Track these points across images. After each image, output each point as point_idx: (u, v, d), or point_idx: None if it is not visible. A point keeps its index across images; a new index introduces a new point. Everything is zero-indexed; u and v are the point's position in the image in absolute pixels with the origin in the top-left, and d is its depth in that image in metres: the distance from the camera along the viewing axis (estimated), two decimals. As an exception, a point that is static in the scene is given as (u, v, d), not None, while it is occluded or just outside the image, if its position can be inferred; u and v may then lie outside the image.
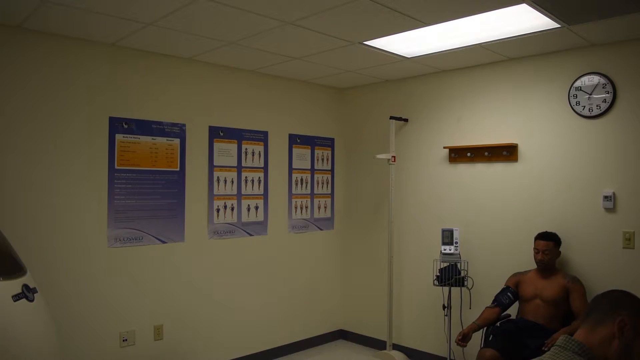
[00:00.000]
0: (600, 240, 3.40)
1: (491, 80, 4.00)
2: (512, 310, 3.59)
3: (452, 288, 3.88)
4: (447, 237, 3.89)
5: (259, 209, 4.41)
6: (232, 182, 4.23)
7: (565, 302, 3.29)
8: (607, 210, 3.38)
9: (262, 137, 4.46)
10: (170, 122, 3.85)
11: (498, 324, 3.48)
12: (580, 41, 3.36)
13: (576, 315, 3.23)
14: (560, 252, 3.44)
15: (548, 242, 3.39)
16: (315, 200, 4.90)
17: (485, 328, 3.51)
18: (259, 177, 4.43)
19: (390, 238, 4.39)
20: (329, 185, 5.04)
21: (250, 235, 4.34)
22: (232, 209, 4.22)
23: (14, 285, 2.28)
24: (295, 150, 4.73)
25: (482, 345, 3.45)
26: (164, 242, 3.80)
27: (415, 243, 4.49)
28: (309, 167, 4.86)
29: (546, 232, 3.46)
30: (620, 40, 3.32)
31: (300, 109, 4.80)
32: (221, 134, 4.17)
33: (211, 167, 4.10)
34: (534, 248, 3.44)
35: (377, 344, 4.70)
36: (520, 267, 3.80)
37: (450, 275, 3.77)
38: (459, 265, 3.79)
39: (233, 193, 4.23)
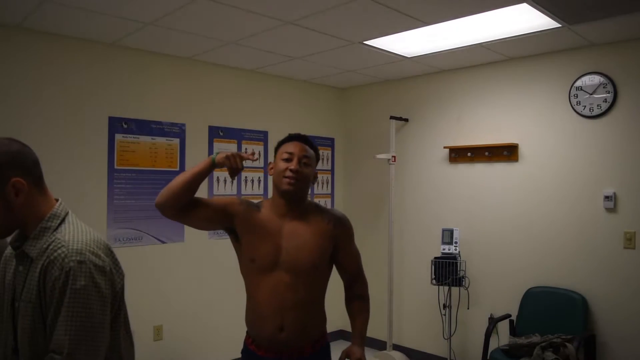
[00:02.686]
0: (601, 240, 3.39)
1: (491, 80, 3.99)
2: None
3: (452, 287, 3.88)
4: (447, 236, 3.90)
5: (258, 209, 4.39)
6: (232, 182, 4.22)
7: (330, 265, 1.97)
8: (608, 210, 3.37)
9: (262, 136, 4.45)
10: (169, 122, 3.84)
11: None
12: (580, 41, 3.36)
13: (347, 277, 2.05)
14: (316, 176, 1.98)
15: (309, 148, 1.92)
16: (315, 200, 4.89)
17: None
18: (259, 177, 4.42)
19: (390, 238, 4.38)
20: (329, 185, 5.03)
21: (250, 235, 4.33)
22: (232, 209, 4.20)
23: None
24: (295, 150, 4.72)
25: (482, 356, 3.43)
26: (163, 242, 3.79)
27: (416, 243, 4.48)
28: (309, 167, 4.85)
29: (301, 134, 1.98)
30: (621, 40, 3.31)
31: (300, 109, 4.79)
32: (221, 133, 4.16)
33: (211, 167, 4.09)
34: (283, 154, 1.91)
35: (377, 344, 4.69)
36: (521, 270, 3.79)
37: (448, 275, 3.77)
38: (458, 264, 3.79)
39: (233, 193, 4.22)
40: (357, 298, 2.02)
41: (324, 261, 1.89)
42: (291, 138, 1.97)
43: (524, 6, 2.74)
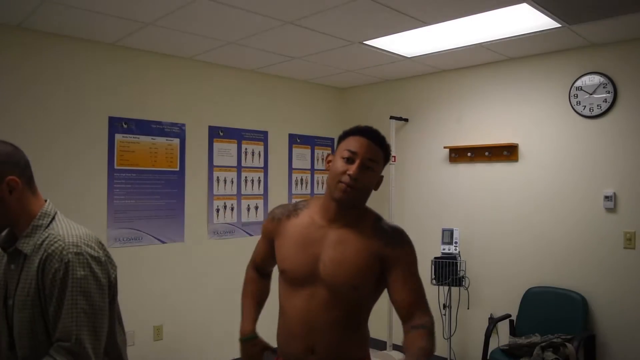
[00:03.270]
0: (601, 240, 3.39)
1: (491, 80, 3.99)
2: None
3: (452, 287, 3.88)
4: (447, 236, 3.90)
5: (258, 209, 4.40)
6: (232, 182, 4.22)
7: (378, 288, 1.61)
8: (608, 210, 3.37)
9: (262, 137, 4.45)
10: (169, 122, 3.85)
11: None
12: (580, 41, 3.36)
13: (400, 310, 1.56)
14: (381, 181, 1.65)
15: (379, 148, 1.59)
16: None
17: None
18: (259, 177, 4.42)
19: (390, 238, 4.38)
20: (329, 185, 5.02)
21: (250, 235, 4.33)
22: (232, 209, 4.21)
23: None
24: (295, 150, 4.73)
25: (482, 356, 3.43)
26: (163, 242, 3.79)
27: (416, 243, 4.43)
28: (309, 167, 4.85)
29: (375, 129, 1.63)
30: (621, 40, 3.31)
31: (300, 109, 4.79)
32: (221, 133, 4.16)
33: (211, 167, 4.10)
34: (344, 151, 1.61)
35: (377, 345, 4.69)
36: (521, 270, 3.78)
37: (448, 275, 3.77)
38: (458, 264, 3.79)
39: (233, 193, 4.22)
40: (416, 328, 1.53)
41: (366, 283, 1.55)
42: (359, 131, 1.60)
43: (524, 6, 2.74)
